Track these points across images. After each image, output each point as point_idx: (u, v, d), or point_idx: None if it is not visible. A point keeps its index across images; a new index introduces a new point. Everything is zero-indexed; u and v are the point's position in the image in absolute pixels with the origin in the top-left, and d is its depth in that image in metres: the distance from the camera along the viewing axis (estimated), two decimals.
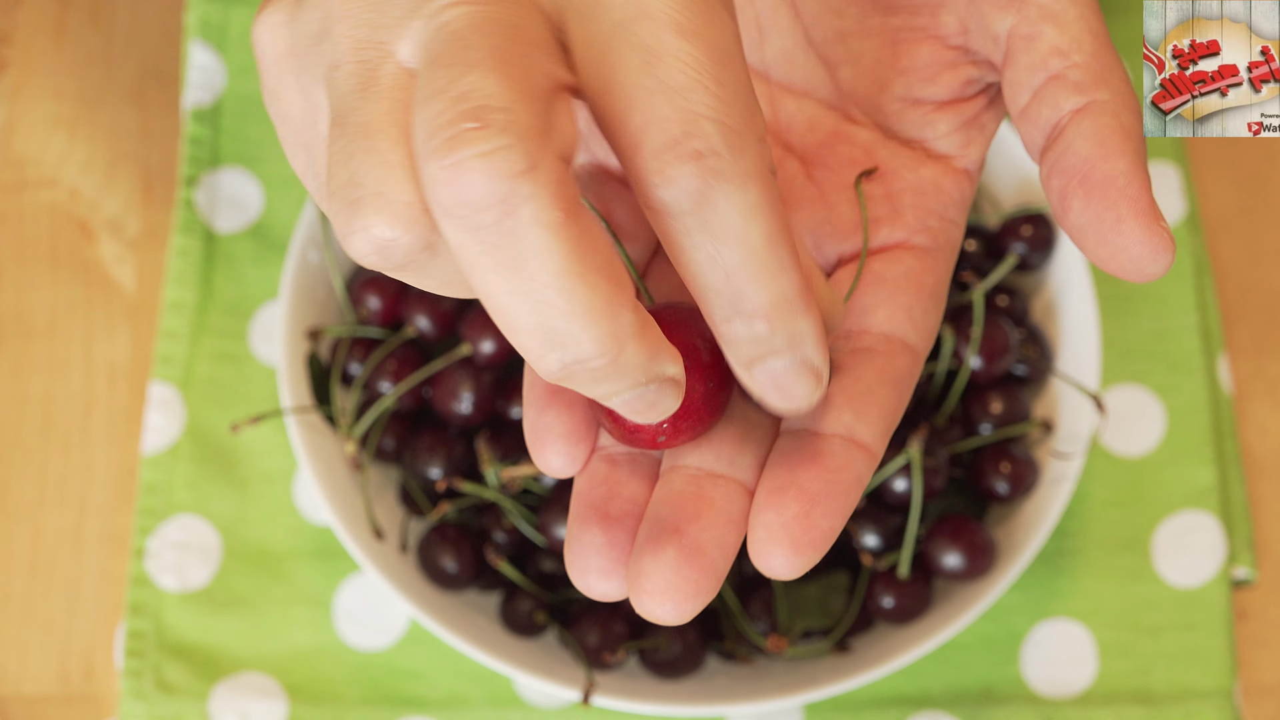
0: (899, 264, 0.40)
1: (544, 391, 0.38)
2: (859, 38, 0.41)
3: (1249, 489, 0.64)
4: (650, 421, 0.35)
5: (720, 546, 0.36)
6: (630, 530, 0.37)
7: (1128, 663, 0.61)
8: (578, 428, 0.37)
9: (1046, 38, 0.38)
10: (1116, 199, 0.36)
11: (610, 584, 0.36)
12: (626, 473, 0.38)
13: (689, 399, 0.36)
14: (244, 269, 0.66)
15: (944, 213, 0.41)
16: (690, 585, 0.35)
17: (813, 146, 0.43)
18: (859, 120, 0.42)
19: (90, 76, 0.70)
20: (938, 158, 0.41)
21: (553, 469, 0.38)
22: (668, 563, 0.35)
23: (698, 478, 0.37)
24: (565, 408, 0.37)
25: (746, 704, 0.55)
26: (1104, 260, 0.36)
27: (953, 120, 0.41)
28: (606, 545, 0.36)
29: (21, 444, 0.64)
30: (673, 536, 0.35)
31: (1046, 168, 0.37)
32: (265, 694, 0.60)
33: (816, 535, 0.35)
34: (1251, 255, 0.67)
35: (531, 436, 0.38)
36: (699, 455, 0.37)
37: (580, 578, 0.36)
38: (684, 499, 0.36)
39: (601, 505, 0.37)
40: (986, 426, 0.59)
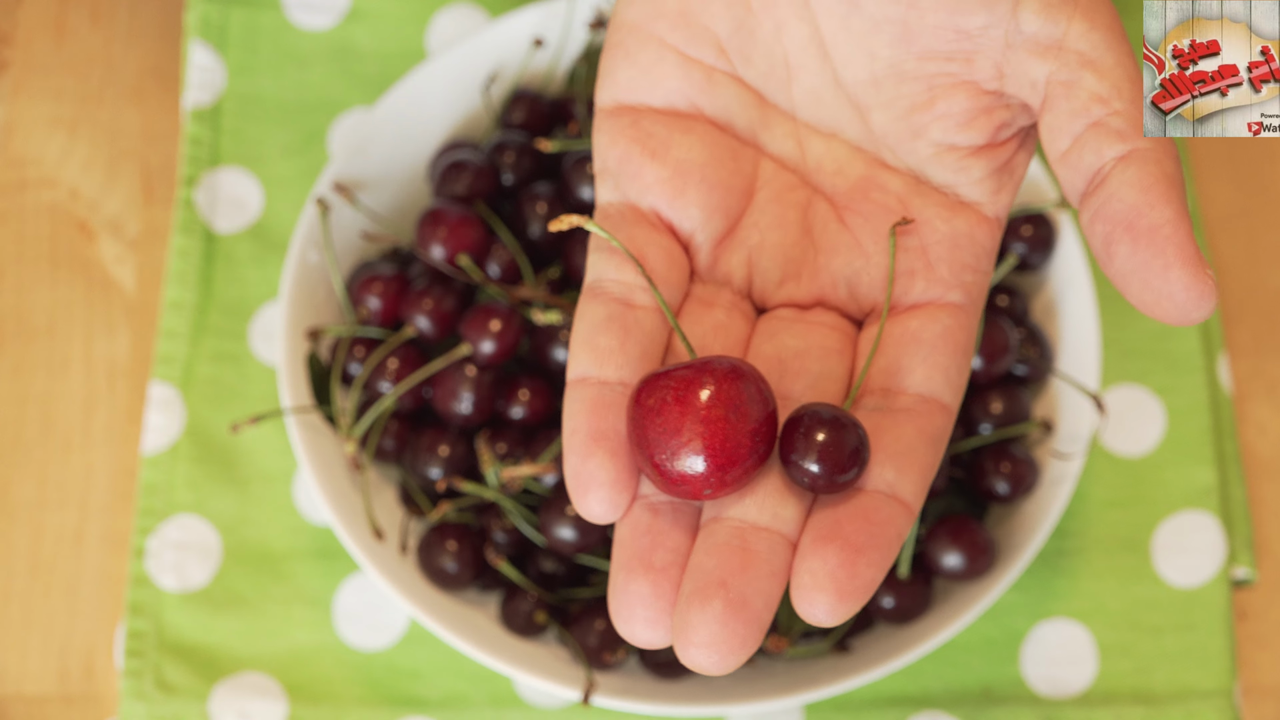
0: (936, 323, 0.40)
1: (587, 439, 0.38)
2: (893, 82, 0.41)
3: (1249, 489, 0.64)
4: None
5: (764, 599, 0.36)
6: (675, 580, 0.37)
7: (1128, 663, 0.61)
8: (620, 476, 0.38)
9: (1087, 84, 0.38)
10: (1163, 246, 0.36)
11: (656, 634, 0.37)
12: (669, 522, 0.38)
13: (735, 451, 0.37)
14: (244, 269, 0.66)
15: (976, 265, 0.41)
16: (737, 639, 0.36)
17: (843, 190, 0.43)
18: (890, 165, 0.42)
19: (90, 76, 0.70)
20: (969, 205, 0.42)
21: (594, 516, 0.38)
22: (715, 616, 0.36)
23: (741, 530, 0.37)
24: (609, 456, 0.38)
25: (746, 704, 0.55)
26: (1149, 305, 0.37)
27: (986, 166, 0.41)
28: (652, 596, 0.37)
29: (21, 444, 0.64)
30: (719, 590, 0.36)
31: (1089, 214, 0.38)
32: (265, 694, 0.60)
33: (860, 584, 0.36)
34: (1251, 255, 0.67)
35: (574, 483, 0.38)
36: (742, 507, 0.38)
37: (626, 627, 0.37)
38: (728, 551, 0.37)
39: (645, 555, 0.37)
40: (986, 426, 0.59)
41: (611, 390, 0.39)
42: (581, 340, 0.40)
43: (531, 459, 0.57)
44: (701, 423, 0.37)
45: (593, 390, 0.39)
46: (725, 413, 0.37)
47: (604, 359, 0.40)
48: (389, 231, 0.62)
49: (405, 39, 0.69)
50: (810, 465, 0.37)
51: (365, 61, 0.69)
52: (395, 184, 0.62)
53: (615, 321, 0.40)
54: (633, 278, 0.41)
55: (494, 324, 0.57)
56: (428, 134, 0.63)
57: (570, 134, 0.62)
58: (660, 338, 0.41)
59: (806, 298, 0.43)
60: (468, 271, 0.59)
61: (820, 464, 0.37)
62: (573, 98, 0.63)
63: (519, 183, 0.62)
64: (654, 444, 0.37)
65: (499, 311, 0.57)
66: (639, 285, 0.41)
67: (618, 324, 0.40)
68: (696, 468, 0.37)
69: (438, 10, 0.69)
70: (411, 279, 0.61)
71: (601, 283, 0.41)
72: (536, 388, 0.59)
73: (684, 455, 0.37)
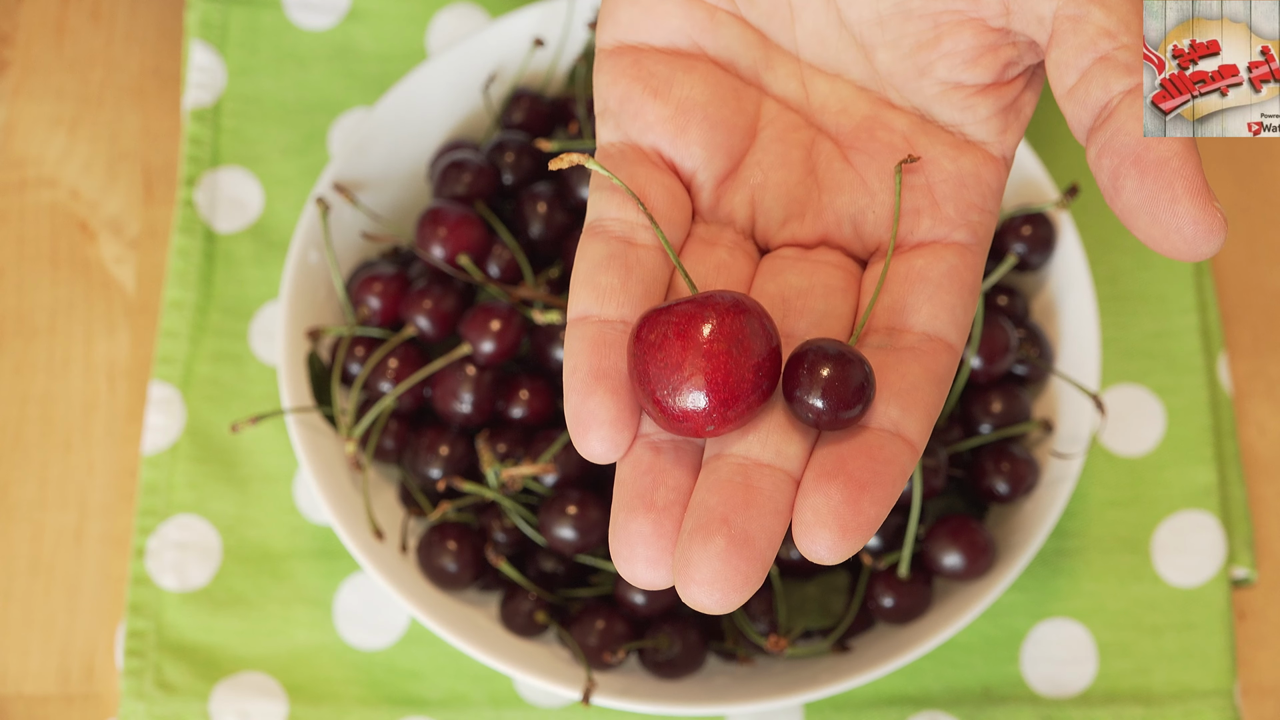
0: (941, 261, 0.40)
1: (587, 377, 0.38)
2: (898, 20, 0.41)
3: (1249, 489, 0.64)
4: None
5: (768, 536, 0.36)
6: (676, 519, 0.37)
7: (1128, 662, 0.61)
8: (621, 414, 0.37)
9: (1094, 19, 0.38)
10: (1171, 179, 0.36)
11: (657, 573, 0.36)
12: (671, 460, 0.38)
13: (738, 386, 0.36)
14: (244, 269, 0.66)
15: (983, 205, 0.41)
16: (739, 575, 0.35)
17: (848, 130, 0.42)
18: (895, 104, 0.42)
19: (91, 76, 0.70)
20: (975, 145, 0.41)
21: (595, 455, 0.38)
22: (717, 553, 0.35)
23: (744, 466, 0.37)
24: (609, 394, 0.37)
25: (746, 704, 0.55)
26: (1156, 240, 0.36)
27: (993, 105, 0.41)
28: (654, 534, 0.36)
29: (21, 444, 0.64)
30: (721, 526, 0.35)
31: (1096, 148, 0.37)
32: (265, 694, 0.60)
33: (863, 521, 0.35)
34: (1251, 255, 0.67)
35: (574, 422, 0.38)
36: (745, 444, 0.37)
37: (627, 566, 0.36)
38: (731, 488, 0.36)
39: (647, 494, 0.37)
40: (986, 426, 0.59)
41: (612, 328, 0.38)
42: (582, 279, 0.40)
43: (531, 459, 0.57)
44: (704, 357, 0.36)
45: (593, 328, 0.39)
46: (728, 347, 0.36)
47: (605, 297, 0.39)
48: (389, 231, 0.62)
49: (405, 39, 0.69)
50: (815, 400, 0.36)
51: (365, 61, 0.69)
52: (395, 184, 0.62)
53: (616, 259, 0.40)
54: (634, 216, 0.40)
55: (494, 324, 0.57)
56: (428, 134, 0.63)
57: (570, 134, 0.62)
58: (662, 276, 0.40)
59: (810, 237, 0.42)
60: (468, 271, 0.59)
61: (825, 399, 0.36)
62: (573, 98, 0.63)
63: (519, 183, 0.62)
64: (655, 380, 0.36)
65: (499, 311, 0.57)
66: (640, 224, 0.40)
67: (619, 262, 0.40)
68: (699, 403, 0.36)
69: (438, 10, 0.69)
70: (411, 279, 0.61)
71: (603, 221, 0.41)
72: (536, 388, 0.59)
73: (686, 391, 0.36)
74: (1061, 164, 0.66)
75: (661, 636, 0.56)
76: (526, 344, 0.60)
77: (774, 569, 0.56)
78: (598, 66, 0.43)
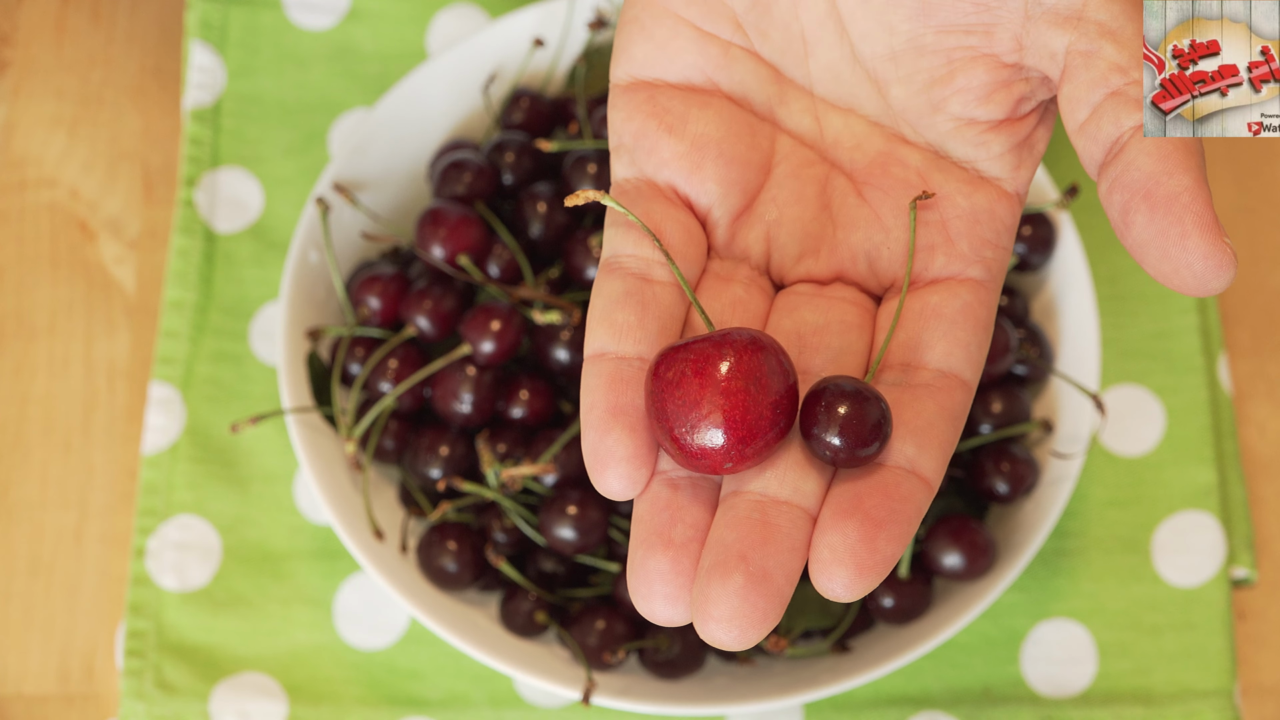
0: (956, 298, 0.40)
1: (605, 415, 0.38)
2: (911, 56, 0.41)
3: (1249, 489, 0.64)
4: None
5: (785, 573, 0.36)
6: (694, 556, 0.37)
7: (1127, 662, 0.61)
8: (639, 451, 0.38)
9: (1106, 54, 0.38)
10: (1181, 215, 0.36)
11: (675, 610, 0.37)
12: (688, 498, 0.38)
13: (756, 424, 0.36)
14: (244, 269, 0.66)
15: (997, 241, 0.41)
16: (758, 612, 0.35)
17: (862, 166, 0.42)
18: (909, 140, 0.42)
19: (91, 76, 0.70)
20: (989, 181, 0.41)
21: (613, 493, 0.38)
22: (735, 590, 0.35)
23: (762, 504, 0.37)
24: (627, 432, 0.38)
25: (746, 704, 0.55)
26: (1166, 275, 0.36)
27: (1006, 141, 0.41)
28: (672, 571, 0.37)
29: (22, 444, 0.64)
30: (739, 563, 0.36)
31: (1107, 183, 0.37)
32: (265, 694, 0.60)
33: (879, 559, 0.36)
34: (1251, 255, 0.67)
35: (592, 460, 0.38)
36: (763, 481, 0.38)
37: (645, 604, 0.37)
38: (749, 525, 0.36)
39: (665, 531, 0.37)
40: (986, 426, 0.59)
41: (629, 365, 0.39)
42: (599, 315, 0.40)
43: (531, 459, 0.57)
44: (721, 395, 0.36)
45: (610, 365, 0.39)
46: (745, 384, 0.36)
47: (621, 334, 0.39)
48: (389, 231, 0.62)
49: (405, 39, 0.69)
50: (832, 438, 0.37)
51: (365, 61, 0.69)
52: (395, 184, 0.62)
53: (633, 297, 0.40)
54: (650, 253, 0.40)
55: (494, 324, 0.57)
56: (428, 134, 0.63)
57: (570, 134, 0.62)
58: (678, 313, 0.40)
59: (825, 273, 0.42)
60: (468, 271, 0.59)
61: (842, 437, 0.36)
62: (573, 98, 0.63)
63: (519, 183, 0.62)
64: (673, 417, 0.36)
65: (499, 311, 0.57)
66: (656, 260, 0.40)
67: (635, 299, 0.40)
68: (716, 441, 0.36)
69: (438, 10, 0.69)
70: (411, 279, 0.61)
71: (618, 258, 0.41)
72: (536, 388, 0.59)
73: (704, 428, 0.36)
74: (1061, 164, 0.66)
75: (661, 636, 0.56)
76: (526, 344, 0.60)
77: None
78: (612, 102, 0.43)
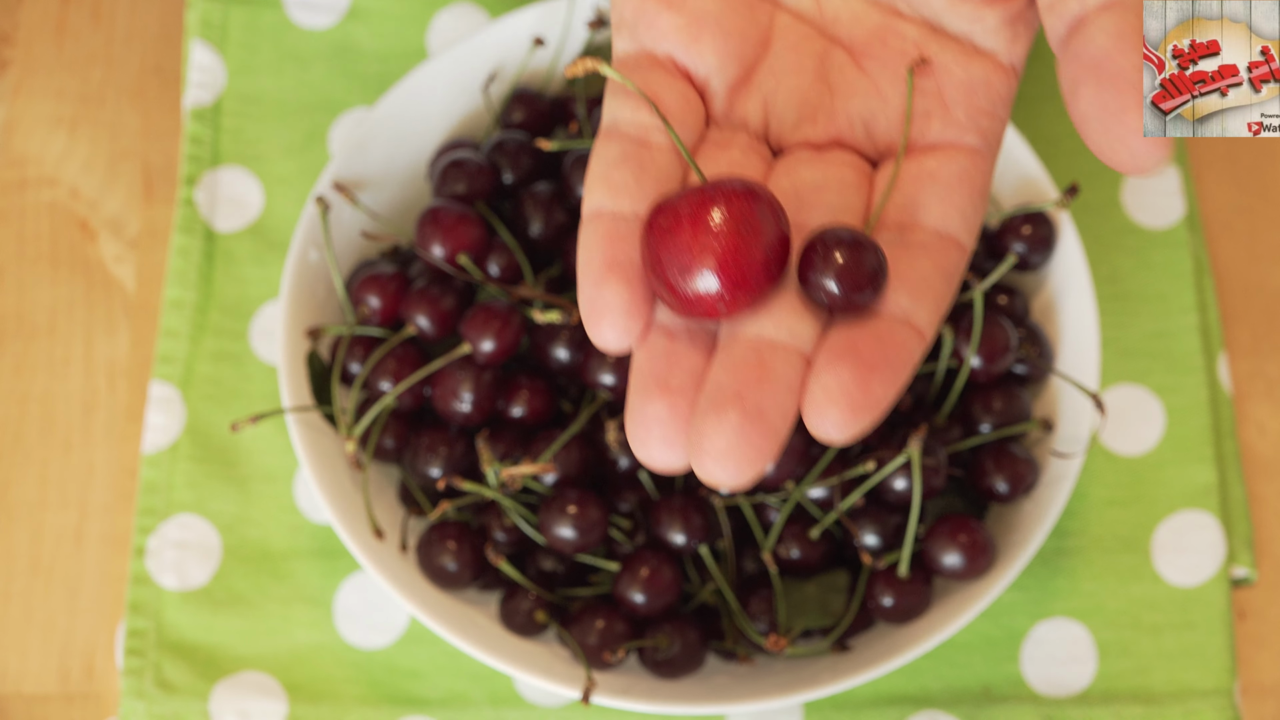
0: (953, 163, 0.41)
1: (600, 267, 0.38)
2: None
3: (1248, 488, 0.64)
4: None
5: (780, 412, 0.37)
6: (691, 400, 0.37)
7: (1127, 662, 0.61)
8: (634, 302, 0.38)
9: None
10: (1124, 90, 0.36)
11: (673, 453, 0.37)
12: (685, 345, 0.38)
13: (748, 266, 0.37)
14: (244, 268, 0.66)
15: (993, 111, 0.42)
16: (752, 448, 0.36)
17: (860, 39, 0.43)
18: (905, 15, 0.43)
19: (91, 75, 0.70)
20: (985, 53, 0.42)
21: (608, 343, 0.38)
22: (730, 426, 0.36)
23: (758, 346, 0.38)
24: (622, 283, 0.38)
25: (746, 703, 0.55)
26: (1105, 151, 0.37)
27: (1000, 15, 0.42)
28: (669, 415, 0.37)
29: (21, 444, 0.64)
30: (734, 401, 0.36)
31: (1065, 58, 0.38)
32: (265, 693, 0.60)
33: (872, 401, 0.36)
34: (1251, 255, 0.67)
35: (588, 312, 0.38)
36: (758, 324, 0.38)
37: (643, 449, 0.37)
38: (745, 366, 0.37)
39: (662, 377, 0.38)
40: (986, 426, 0.59)
41: (626, 223, 0.39)
42: (596, 176, 0.40)
43: (531, 459, 0.57)
44: (714, 239, 0.37)
45: (607, 223, 0.39)
46: (738, 228, 0.37)
47: (619, 193, 0.40)
48: (389, 231, 0.62)
49: (405, 39, 0.69)
50: (829, 283, 0.38)
51: (365, 61, 0.69)
52: (395, 184, 0.63)
53: (630, 158, 0.40)
54: (648, 119, 0.41)
55: (494, 324, 0.57)
56: (428, 134, 0.63)
57: (570, 133, 0.62)
58: (675, 175, 0.41)
59: (823, 138, 0.43)
60: (468, 271, 0.59)
61: (838, 281, 0.37)
62: (573, 97, 0.63)
63: (519, 182, 0.62)
64: (668, 264, 0.37)
65: (499, 311, 0.57)
66: (654, 126, 0.41)
67: (633, 160, 0.40)
68: (710, 284, 0.37)
69: (438, 10, 0.69)
70: (411, 278, 0.61)
71: (617, 124, 0.41)
72: (536, 387, 0.59)
73: (697, 272, 0.37)
74: (1061, 164, 0.66)
75: (661, 636, 0.56)
76: (526, 343, 0.60)
77: (774, 569, 0.56)
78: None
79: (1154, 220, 0.66)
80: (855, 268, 0.37)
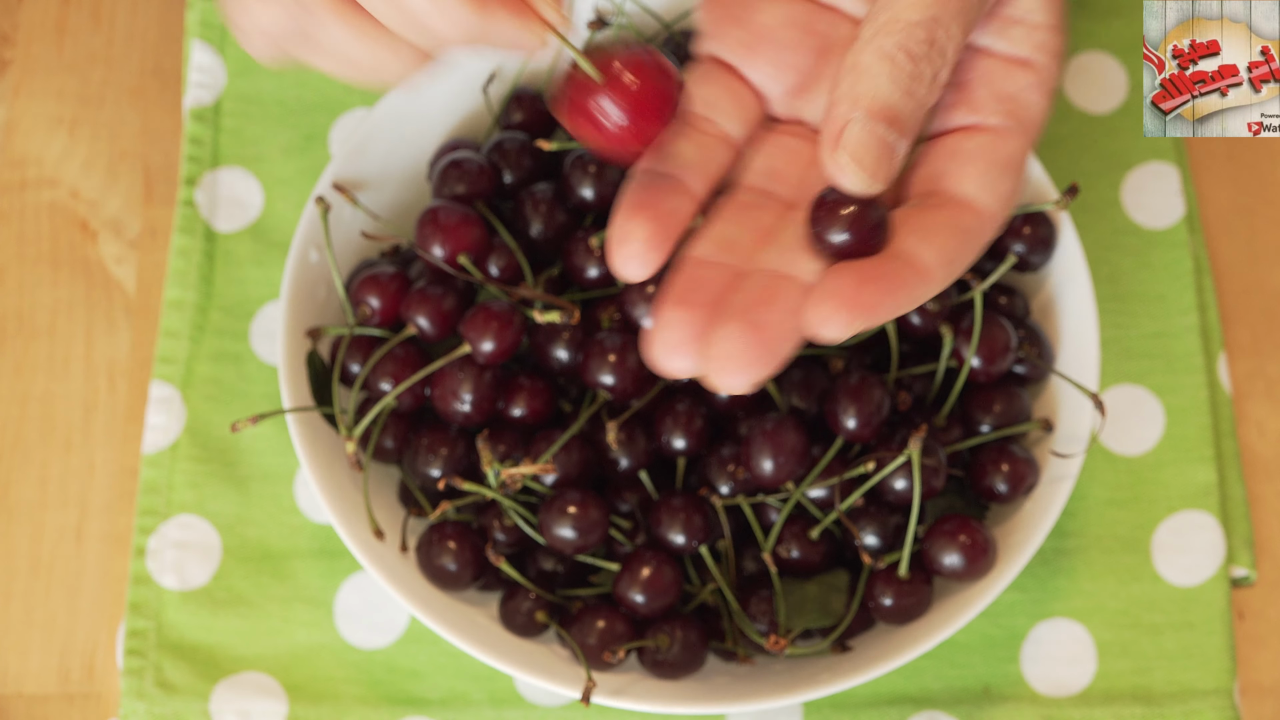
0: (971, 140, 0.45)
1: (630, 205, 0.44)
2: None
3: (1248, 488, 0.64)
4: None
5: (781, 327, 0.42)
6: (708, 315, 0.42)
7: (1127, 662, 0.61)
8: (655, 236, 0.44)
9: None
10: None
11: (684, 359, 0.42)
12: (714, 273, 0.44)
13: (646, 100, 0.44)
14: (244, 269, 0.66)
15: (1018, 94, 0.46)
16: (752, 353, 0.41)
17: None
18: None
19: (91, 76, 0.70)
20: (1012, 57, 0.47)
21: (629, 272, 0.44)
22: (734, 333, 0.41)
23: (771, 276, 0.44)
24: (649, 218, 0.44)
25: (746, 704, 0.55)
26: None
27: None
28: (685, 322, 0.42)
29: (22, 444, 0.64)
30: (740, 314, 0.42)
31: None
32: (266, 693, 0.60)
33: (869, 305, 0.41)
34: (1251, 255, 0.67)
35: (614, 239, 0.44)
36: (771, 257, 0.44)
37: (661, 352, 0.43)
38: (754, 290, 0.43)
39: (684, 295, 0.43)
40: (986, 426, 0.59)
41: (663, 179, 0.45)
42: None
43: (531, 459, 0.57)
44: (626, 86, 0.44)
45: (644, 175, 0.46)
46: (639, 76, 0.44)
47: (664, 159, 0.46)
48: (389, 231, 0.62)
49: None
50: (832, 237, 0.43)
51: None
52: (395, 184, 0.63)
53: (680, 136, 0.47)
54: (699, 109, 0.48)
55: (494, 324, 0.57)
56: (428, 134, 0.63)
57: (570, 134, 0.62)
58: (725, 161, 0.48)
59: None
60: (468, 271, 0.59)
61: (841, 235, 0.42)
62: None
63: (519, 183, 0.62)
64: (594, 108, 0.44)
65: (499, 312, 0.57)
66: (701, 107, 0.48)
67: (680, 135, 0.47)
68: (624, 120, 0.44)
69: None
70: (411, 279, 0.61)
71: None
72: (536, 388, 0.59)
73: (613, 111, 0.44)
74: (1061, 164, 0.66)
75: (661, 636, 0.56)
76: (526, 344, 0.60)
77: (774, 569, 0.56)
78: (700, 4, 0.51)
79: (1154, 220, 0.66)
80: (859, 222, 0.42)
